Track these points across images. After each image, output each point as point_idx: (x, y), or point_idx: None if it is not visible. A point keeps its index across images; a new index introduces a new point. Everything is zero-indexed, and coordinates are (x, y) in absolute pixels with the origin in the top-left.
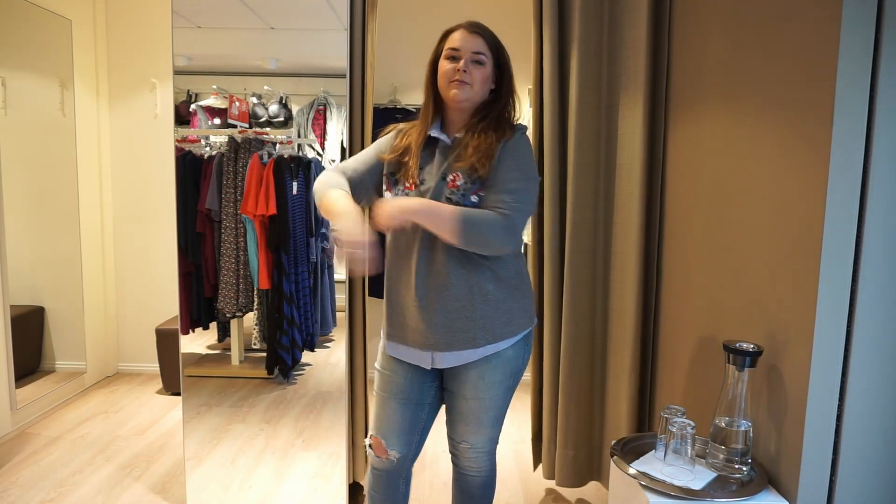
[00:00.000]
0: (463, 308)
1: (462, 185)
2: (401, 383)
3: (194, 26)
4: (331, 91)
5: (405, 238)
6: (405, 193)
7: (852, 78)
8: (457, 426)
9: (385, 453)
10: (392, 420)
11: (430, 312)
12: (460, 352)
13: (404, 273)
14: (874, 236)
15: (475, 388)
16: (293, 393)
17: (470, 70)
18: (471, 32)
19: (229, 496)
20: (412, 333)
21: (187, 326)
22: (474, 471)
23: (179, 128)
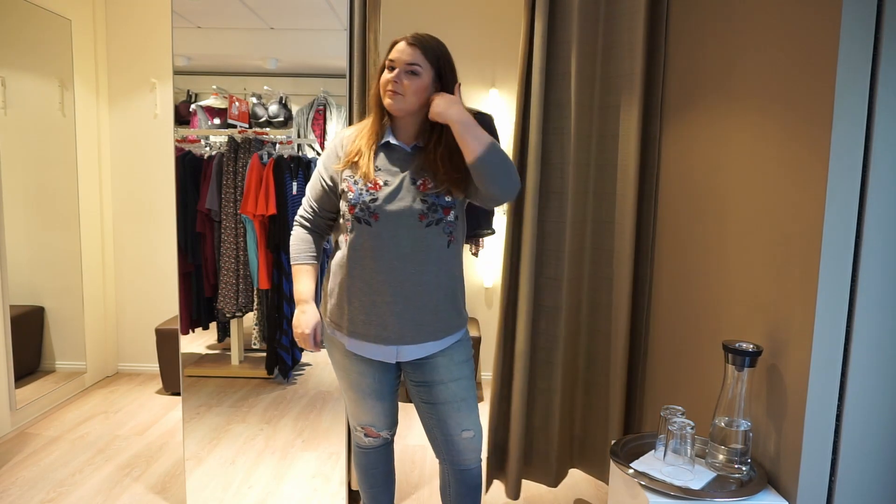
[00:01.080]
0: (429, 303)
1: (432, 188)
2: (371, 383)
3: (194, 26)
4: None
5: (369, 241)
6: (370, 194)
7: (852, 78)
8: (449, 418)
9: (378, 435)
10: (374, 412)
11: (401, 308)
12: (423, 344)
13: (372, 268)
14: (874, 236)
15: (448, 369)
16: (293, 393)
17: (402, 81)
18: (409, 44)
19: (229, 496)
20: (377, 329)
21: (187, 326)
22: (474, 461)
23: (179, 128)
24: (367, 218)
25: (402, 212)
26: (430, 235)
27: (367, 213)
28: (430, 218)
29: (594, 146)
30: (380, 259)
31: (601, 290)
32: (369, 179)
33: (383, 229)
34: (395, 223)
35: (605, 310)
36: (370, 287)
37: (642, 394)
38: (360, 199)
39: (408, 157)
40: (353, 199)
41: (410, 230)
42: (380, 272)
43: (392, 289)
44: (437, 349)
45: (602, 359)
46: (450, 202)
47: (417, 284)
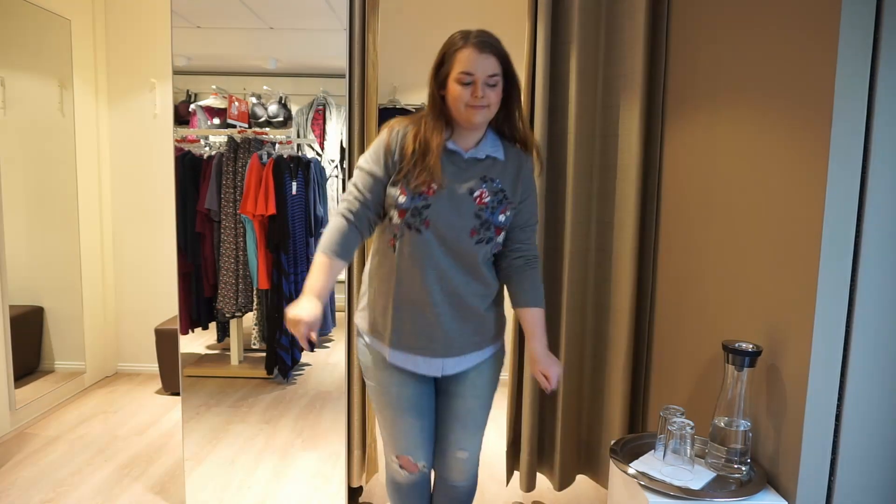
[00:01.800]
0: (474, 315)
1: (490, 202)
2: (411, 396)
3: (194, 26)
4: (330, 91)
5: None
6: (424, 199)
7: (851, 78)
8: (451, 434)
9: (415, 468)
10: (413, 435)
11: (448, 320)
12: (467, 356)
13: (419, 279)
14: (873, 236)
15: (473, 385)
16: (292, 393)
17: (486, 94)
18: (481, 52)
19: (228, 496)
20: (426, 341)
21: (187, 326)
22: (463, 481)
23: (179, 128)
24: (417, 225)
25: (455, 223)
26: (477, 251)
27: (419, 220)
28: (481, 235)
29: (596, 147)
30: (427, 269)
31: (605, 292)
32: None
33: (433, 237)
34: (445, 233)
35: (608, 312)
36: (418, 297)
37: (646, 398)
38: (411, 204)
39: (465, 164)
40: (405, 204)
41: (460, 242)
42: (427, 283)
43: (440, 299)
44: (478, 360)
45: (607, 362)
46: (502, 223)
47: (464, 297)
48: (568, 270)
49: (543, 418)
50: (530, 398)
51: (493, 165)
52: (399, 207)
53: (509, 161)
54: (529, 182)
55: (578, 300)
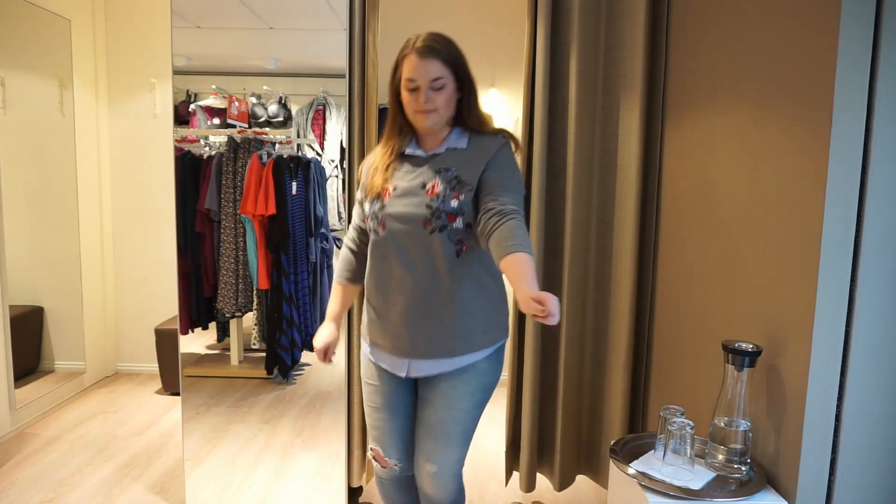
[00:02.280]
0: (443, 316)
1: (441, 191)
2: (385, 393)
3: (194, 26)
4: (330, 91)
5: (388, 243)
6: (380, 202)
7: (851, 78)
8: (423, 442)
9: (386, 463)
10: (385, 431)
11: (412, 319)
12: (437, 360)
13: (385, 278)
14: (873, 236)
15: (445, 396)
16: (292, 393)
17: (432, 98)
18: (423, 58)
19: (228, 496)
20: (392, 339)
21: (187, 326)
22: (434, 496)
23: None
24: (376, 227)
25: (405, 217)
26: (437, 243)
27: (377, 222)
28: (433, 224)
29: (597, 147)
30: (389, 268)
31: (605, 292)
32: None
33: (390, 237)
34: (399, 230)
35: (608, 311)
36: (383, 297)
37: (646, 398)
38: (371, 210)
39: (423, 162)
40: (367, 211)
41: (415, 237)
42: (390, 280)
43: (402, 298)
44: (452, 367)
45: (607, 362)
46: (455, 208)
47: (427, 294)
48: (568, 270)
49: (543, 418)
50: (530, 398)
51: (451, 156)
52: (365, 215)
53: (472, 147)
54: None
55: (578, 300)
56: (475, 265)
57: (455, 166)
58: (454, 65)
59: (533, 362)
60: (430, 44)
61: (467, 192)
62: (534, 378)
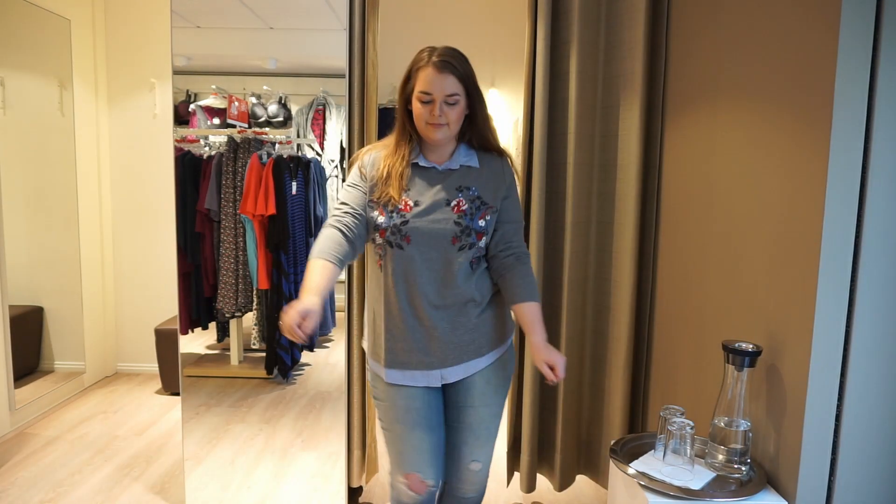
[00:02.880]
0: (467, 323)
1: (468, 210)
2: (420, 409)
3: (194, 26)
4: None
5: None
6: (401, 216)
7: (851, 78)
8: (465, 445)
9: (422, 487)
10: (423, 450)
11: (440, 332)
12: (468, 363)
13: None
14: (873, 236)
15: (483, 394)
16: (292, 393)
17: (445, 112)
18: (440, 72)
19: (228, 496)
20: (419, 356)
21: (186, 326)
22: (474, 492)
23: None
24: (398, 241)
25: (435, 233)
26: (461, 258)
27: (399, 237)
28: (462, 242)
29: (596, 147)
30: (414, 283)
31: (605, 292)
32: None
33: (416, 252)
34: (426, 245)
35: (608, 311)
36: (407, 313)
37: (646, 398)
38: (390, 223)
39: (439, 177)
40: (384, 223)
41: (441, 253)
42: (415, 297)
43: (429, 313)
44: (483, 365)
45: (607, 362)
46: (482, 227)
47: (453, 306)
48: (568, 270)
49: (544, 419)
50: (530, 399)
51: (467, 174)
52: (379, 227)
53: (485, 167)
54: (511, 183)
55: (578, 300)
56: (483, 271)
57: (475, 186)
58: (467, 82)
59: (533, 364)
60: (448, 59)
61: (492, 213)
62: (534, 378)
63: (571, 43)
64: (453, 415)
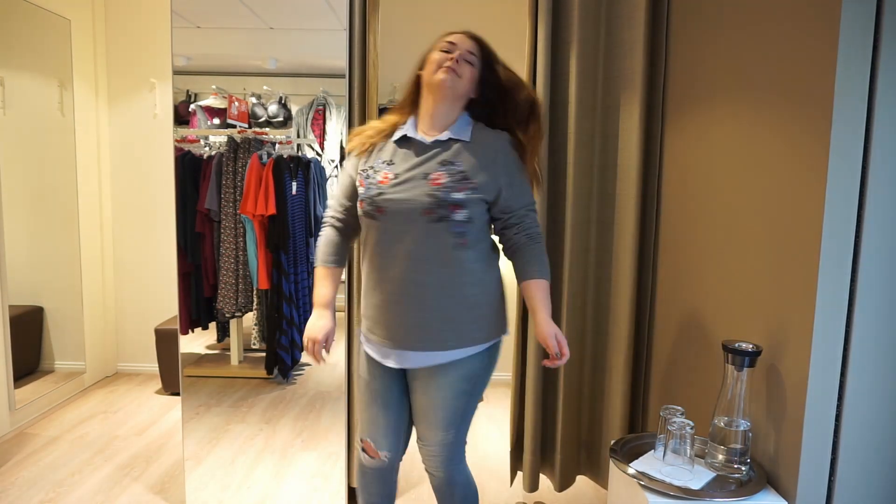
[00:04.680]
0: (438, 308)
1: (446, 182)
2: (377, 388)
3: (194, 26)
4: (330, 91)
5: (378, 236)
6: (378, 187)
7: (851, 78)
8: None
9: (377, 454)
10: (377, 424)
11: (405, 308)
12: (429, 353)
13: (380, 264)
14: (873, 236)
15: (425, 385)
16: (292, 393)
17: (462, 63)
18: (469, 37)
19: (228, 496)
20: (384, 330)
21: (187, 326)
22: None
23: (179, 128)
24: (373, 212)
25: (406, 204)
26: (437, 233)
27: (374, 207)
28: (435, 214)
29: (597, 147)
30: (385, 255)
31: (605, 292)
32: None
33: (389, 223)
34: (399, 217)
35: (608, 311)
36: (378, 285)
37: (646, 398)
38: (366, 194)
39: (425, 149)
40: (363, 194)
41: (415, 225)
42: (386, 269)
43: (398, 288)
44: (443, 360)
45: (607, 362)
46: (459, 199)
47: (423, 286)
48: (568, 270)
49: (544, 418)
50: (532, 398)
51: (454, 149)
52: (360, 198)
53: (477, 143)
54: (512, 165)
55: (579, 300)
56: (475, 261)
57: (461, 162)
58: (487, 58)
59: (535, 363)
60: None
61: (471, 189)
62: (536, 378)
63: (571, 43)
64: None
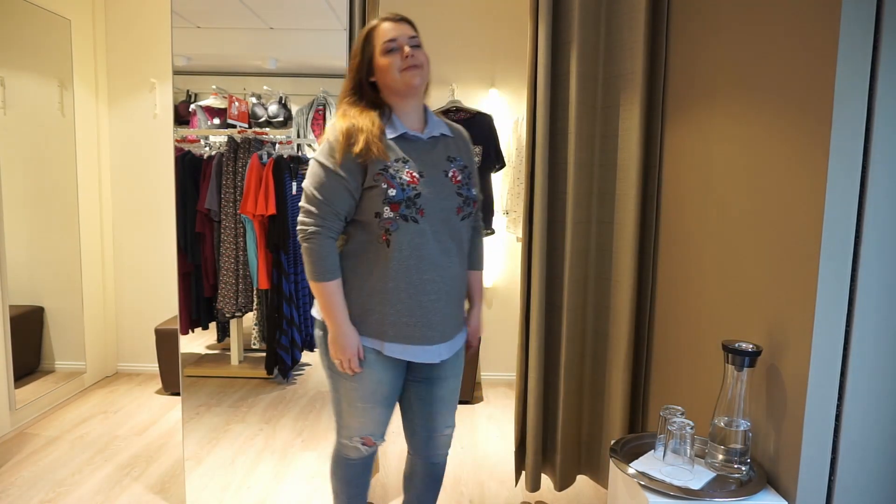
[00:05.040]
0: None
1: (462, 179)
2: (386, 391)
3: (194, 26)
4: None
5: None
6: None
7: (851, 78)
8: (439, 415)
9: (374, 444)
10: (379, 422)
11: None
12: (456, 338)
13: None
14: (873, 236)
15: (454, 366)
16: (292, 393)
17: (415, 53)
18: (397, 22)
19: (228, 496)
20: (423, 330)
21: (187, 326)
22: (445, 455)
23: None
24: (413, 215)
25: (445, 206)
26: (463, 229)
27: (414, 210)
28: (465, 211)
29: (597, 146)
30: (426, 257)
31: (605, 292)
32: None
33: (429, 225)
34: (437, 217)
35: (608, 311)
36: (416, 287)
37: (646, 398)
38: (403, 196)
39: (428, 146)
40: (396, 196)
41: (450, 224)
42: (426, 271)
43: (437, 287)
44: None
45: (607, 362)
46: (476, 196)
47: (454, 279)
48: (568, 270)
49: (546, 419)
50: (534, 398)
51: (448, 144)
52: (391, 201)
53: (456, 137)
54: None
55: (579, 300)
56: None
57: (459, 157)
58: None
59: (537, 363)
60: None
61: (475, 183)
62: (538, 378)
63: (572, 43)
64: (425, 390)
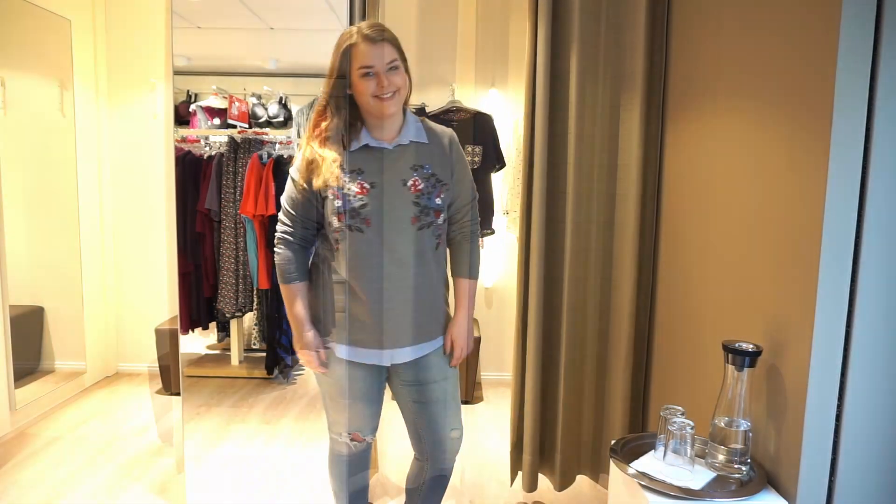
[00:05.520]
0: (424, 306)
1: (424, 188)
2: (361, 387)
3: (194, 26)
4: None
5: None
6: (358, 199)
7: (851, 78)
8: (440, 417)
9: (363, 440)
10: (363, 417)
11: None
12: (419, 345)
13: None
14: (873, 236)
15: (440, 368)
16: (293, 393)
17: (391, 80)
18: (374, 43)
19: (228, 496)
20: (373, 335)
21: (187, 326)
22: (453, 461)
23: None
24: (358, 225)
25: (396, 216)
26: (421, 239)
27: (359, 220)
28: (421, 221)
29: (597, 147)
30: (375, 266)
31: (606, 292)
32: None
33: (376, 235)
34: (387, 228)
35: (609, 311)
36: (366, 294)
37: (647, 398)
38: (348, 206)
39: (391, 156)
40: (341, 207)
41: (403, 234)
42: (375, 279)
43: (388, 294)
44: (431, 349)
45: (608, 362)
46: (440, 205)
47: (412, 289)
48: (568, 270)
49: (545, 419)
50: (532, 398)
51: (420, 151)
52: (338, 211)
53: (434, 143)
54: (461, 160)
55: (579, 300)
56: (443, 257)
57: (429, 164)
58: (399, 48)
59: (535, 363)
60: (378, 28)
61: (447, 191)
62: (536, 378)
63: (572, 43)
64: (417, 392)
